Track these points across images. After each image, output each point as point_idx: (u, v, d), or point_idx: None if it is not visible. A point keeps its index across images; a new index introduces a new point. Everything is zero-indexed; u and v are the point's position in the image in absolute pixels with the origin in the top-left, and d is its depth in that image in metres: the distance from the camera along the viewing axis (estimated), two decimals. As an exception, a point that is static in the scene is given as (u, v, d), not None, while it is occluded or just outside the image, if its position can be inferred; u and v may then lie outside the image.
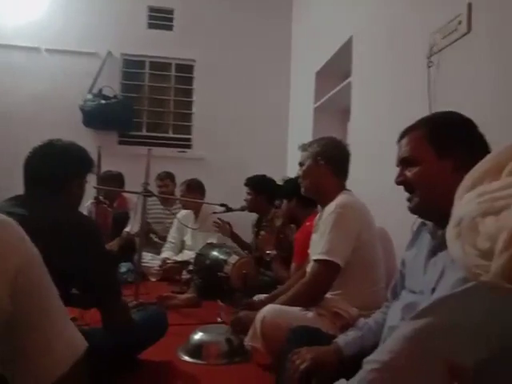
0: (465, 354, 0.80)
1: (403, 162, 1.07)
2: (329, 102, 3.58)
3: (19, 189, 1.43)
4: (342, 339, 1.22)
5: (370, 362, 0.88)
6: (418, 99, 1.94)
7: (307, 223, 2.29)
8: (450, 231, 0.53)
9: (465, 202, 0.50)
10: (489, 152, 1.00)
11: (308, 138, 3.65)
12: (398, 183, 1.07)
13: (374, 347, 1.05)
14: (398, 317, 1.05)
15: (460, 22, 1.73)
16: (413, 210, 1.07)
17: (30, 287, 0.61)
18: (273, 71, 4.66)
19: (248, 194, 3.15)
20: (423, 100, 1.89)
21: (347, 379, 0.93)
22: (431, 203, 1.02)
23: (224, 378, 1.63)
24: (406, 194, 1.09)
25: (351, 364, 1.03)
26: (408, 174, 1.04)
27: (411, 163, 1.04)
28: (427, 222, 1.09)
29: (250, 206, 3.10)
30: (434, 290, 0.93)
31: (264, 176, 3.20)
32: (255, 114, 4.60)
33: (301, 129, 4.10)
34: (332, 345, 1.22)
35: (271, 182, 3.15)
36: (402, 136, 1.09)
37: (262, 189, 3.09)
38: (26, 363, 0.62)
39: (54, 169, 1.41)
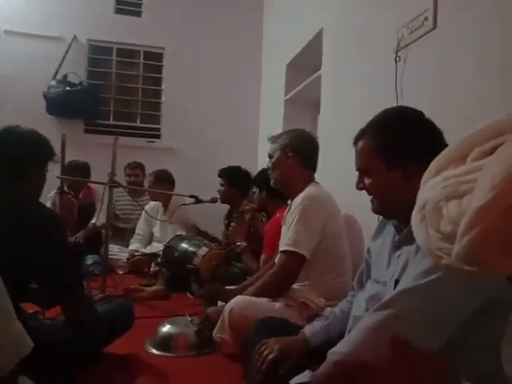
0: (420, 344, 0.83)
1: (359, 169, 1.10)
2: (299, 95, 3.59)
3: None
4: (309, 329, 1.24)
5: (334, 354, 0.90)
6: (386, 92, 1.97)
7: (277, 215, 2.30)
8: (415, 215, 0.55)
9: (429, 187, 0.52)
10: (443, 147, 1.03)
11: (278, 129, 3.65)
12: (359, 189, 1.11)
13: (340, 336, 1.07)
14: (363, 307, 1.07)
15: (426, 18, 1.76)
16: (374, 212, 1.11)
17: None
18: (244, 61, 4.62)
19: (221, 185, 3.13)
20: (391, 93, 1.93)
21: (314, 369, 0.94)
22: (388, 208, 1.07)
23: (193, 370, 1.62)
24: None
25: (318, 354, 1.04)
26: (365, 182, 1.08)
27: (365, 173, 1.08)
28: None
29: (223, 198, 3.08)
30: (397, 281, 0.96)
31: (239, 167, 3.18)
32: (226, 104, 4.56)
33: (271, 120, 4.10)
34: (299, 335, 1.24)
35: (245, 173, 3.13)
36: (355, 142, 1.11)
37: (235, 180, 3.07)
38: None
39: (10, 155, 1.36)
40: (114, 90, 4.57)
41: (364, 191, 1.09)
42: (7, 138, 1.39)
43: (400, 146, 1.02)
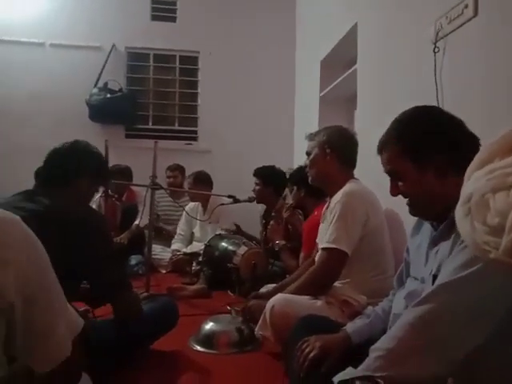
0: (461, 339, 0.81)
1: (390, 175, 1.09)
2: (334, 91, 3.55)
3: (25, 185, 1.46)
4: (350, 327, 1.23)
5: (376, 350, 0.89)
6: (425, 85, 1.92)
7: (315, 213, 2.30)
8: (459, 210, 0.53)
9: (474, 180, 0.50)
10: (473, 144, 1.00)
11: (314, 127, 3.63)
12: (393, 195, 1.09)
13: (381, 334, 1.06)
14: (402, 305, 1.06)
15: (466, 6, 1.70)
16: (413, 215, 1.10)
17: (33, 279, 0.63)
18: (278, 59, 4.63)
19: (256, 184, 3.16)
20: (430, 85, 1.87)
21: (355, 367, 0.94)
22: (427, 210, 1.05)
23: (235, 367, 1.65)
24: None
25: (360, 351, 1.04)
26: (399, 187, 1.06)
27: (397, 177, 1.06)
28: None
29: (258, 197, 3.11)
30: (435, 276, 0.94)
31: (273, 167, 3.20)
32: (261, 105, 4.58)
33: (307, 118, 4.08)
34: (340, 332, 1.23)
35: (280, 173, 3.16)
36: (379, 150, 1.10)
37: (270, 180, 3.09)
38: (32, 346, 0.64)
39: (68, 163, 1.46)
40: (152, 95, 4.71)
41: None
42: (71, 149, 1.50)
43: (426, 143, 1.01)
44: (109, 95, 4.28)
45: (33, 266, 0.64)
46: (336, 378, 0.91)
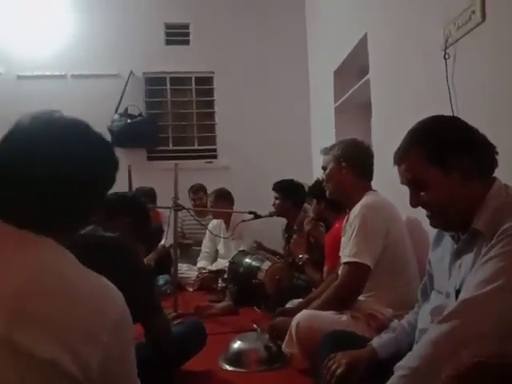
0: (488, 356, 0.81)
1: (410, 185, 1.05)
2: (349, 101, 3.56)
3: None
4: (377, 342, 1.23)
5: (400, 369, 0.89)
6: (438, 92, 1.92)
7: (337, 225, 2.30)
8: None
9: None
10: (489, 144, 0.99)
11: (331, 138, 3.64)
12: (414, 207, 1.05)
13: (408, 348, 1.06)
14: (428, 320, 1.06)
15: (474, 12, 1.70)
16: (435, 227, 1.08)
17: (116, 360, 0.64)
18: (291, 74, 4.68)
19: (276, 198, 3.18)
20: (443, 92, 1.87)
21: (383, 382, 0.94)
22: (451, 218, 1.02)
23: (265, 385, 1.67)
24: None
25: (387, 366, 1.04)
26: (421, 196, 1.02)
27: (420, 186, 1.02)
28: None
29: (278, 211, 3.13)
30: (458, 291, 0.94)
31: (291, 180, 3.22)
32: (277, 119, 4.63)
33: (323, 130, 4.10)
34: (367, 348, 1.23)
35: (298, 186, 3.16)
36: (398, 161, 1.06)
37: (289, 193, 3.11)
38: None
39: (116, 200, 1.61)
40: (171, 117, 4.82)
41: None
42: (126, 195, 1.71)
43: (451, 146, 0.99)
44: (129, 120, 4.41)
45: (119, 347, 0.64)
46: (361, 397, 0.91)
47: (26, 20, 4.48)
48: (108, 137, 4.40)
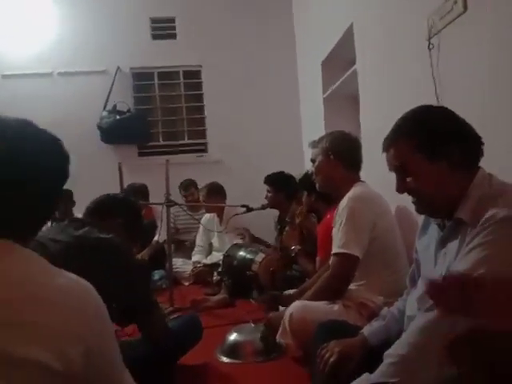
0: None
1: (397, 170, 1.08)
2: (338, 91, 3.58)
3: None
4: (367, 330, 1.27)
5: (389, 356, 0.93)
6: (423, 82, 1.94)
7: (328, 216, 2.33)
8: None
9: None
10: (475, 135, 1.02)
11: (320, 129, 3.66)
12: (400, 193, 1.08)
13: (398, 335, 1.09)
14: (415, 307, 1.09)
15: (456, 2, 1.72)
16: (420, 212, 1.10)
17: (99, 353, 0.68)
18: (279, 65, 4.68)
19: (268, 191, 3.21)
20: (428, 82, 1.89)
21: (375, 369, 0.97)
22: (436, 205, 1.05)
23: (262, 375, 1.71)
24: None
25: (379, 353, 1.07)
26: (407, 183, 1.05)
27: (407, 173, 1.05)
28: None
29: (271, 203, 3.16)
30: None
31: (282, 172, 3.24)
32: (267, 111, 4.64)
33: (313, 120, 4.12)
34: (358, 336, 1.27)
35: (289, 178, 3.18)
36: (387, 148, 1.09)
37: (280, 185, 3.13)
38: None
39: (109, 203, 1.69)
40: (160, 112, 4.80)
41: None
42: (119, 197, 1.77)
43: (439, 135, 1.02)
44: (118, 117, 4.39)
45: (100, 341, 0.68)
46: (353, 384, 0.95)
47: (9, 18, 4.41)
48: (97, 134, 4.40)
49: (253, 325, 1.92)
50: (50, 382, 0.61)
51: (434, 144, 1.01)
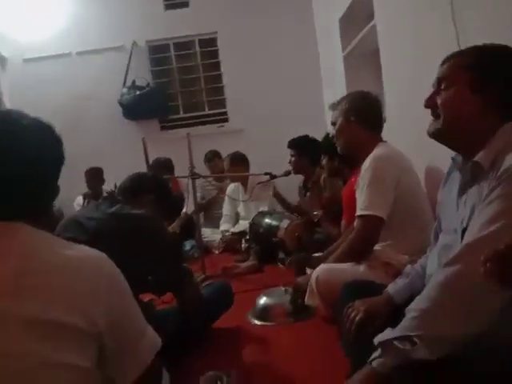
0: (491, 297, 0.85)
1: (438, 83, 1.06)
2: (357, 48, 3.46)
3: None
4: (392, 288, 1.29)
5: (411, 311, 0.95)
6: (443, 28, 1.86)
7: (352, 179, 2.32)
8: None
9: None
10: None
11: (342, 89, 3.58)
12: (426, 105, 1.07)
13: (422, 291, 1.11)
14: (436, 262, 1.09)
15: None
16: (431, 134, 1.08)
17: (119, 311, 0.74)
18: (296, 26, 4.54)
19: (292, 155, 3.19)
20: (450, 31, 1.81)
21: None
22: (452, 131, 1.03)
23: (292, 335, 1.77)
24: None
25: (403, 310, 1.10)
26: (438, 98, 1.05)
27: (444, 85, 1.04)
28: (456, 158, 1.10)
29: (295, 168, 3.15)
30: (464, 230, 0.97)
31: (306, 136, 3.20)
32: (286, 75, 4.54)
33: (334, 81, 4.01)
34: (383, 294, 1.29)
35: (313, 141, 3.13)
36: (445, 60, 1.08)
37: (304, 149, 3.11)
38: (116, 362, 0.75)
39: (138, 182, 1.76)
40: (179, 84, 4.80)
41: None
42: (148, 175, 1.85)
43: (495, 74, 0.99)
44: (138, 92, 4.43)
45: (118, 299, 0.74)
46: (376, 339, 0.98)
47: (24, 3, 4.44)
48: (119, 110, 4.46)
49: (283, 288, 1.97)
50: (82, 342, 0.68)
51: (485, 75, 0.99)
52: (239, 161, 3.68)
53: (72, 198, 4.20)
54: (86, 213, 1.62)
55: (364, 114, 1.80)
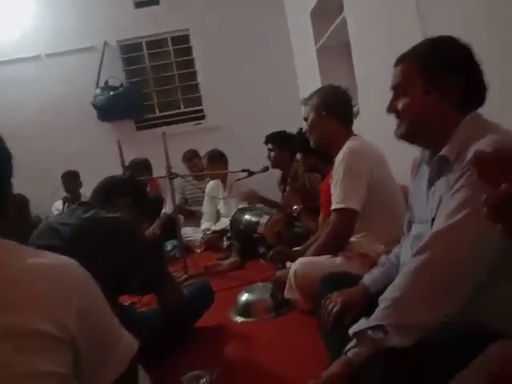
0: (461, 283, 0.88)
1: (394, 89, 1.09)
2: (329, 41, 3.49)
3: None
4: (367, 278, 1.31)
5: (384, 300, 0.97)
6: (409, 24, 1.90)
7: (330, 174, 2.33)
8: None
9: None
10: (482, 81, 1.01)
11: (317, 82, 3.60)
12: (388, 111, 1.10)
13: (397, 281, 1.13)
14: (409, 252, 1.12)
15: None
16: (398, 136, 1.10)
17: (92, 315, 0.73)
18: (268, 21, 4.53)
19: (271, 150, 3.20)
20: (414, 24, 1.85)
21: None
22: (416, 132, 1.07)
23: (274, 330, 1.79)
24: None
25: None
26: (397, 103, 1.07)
27: (401, 92, 1.07)
28: (424, 152, 1.13)
29: (275, 163, 3.17)
30: (433, 220, 1.00)
31: (284, 131, 3.22)
32: (261, 70, 4.54)
33: (308, 74, 4.04)
34: (359, 285, 1.31)
35: (292, 136, 3.14)
36: (397, 62, 1.10)
37: (285, 144, 3.12)
38: (91, 368, 0.74)
39: (111, 185, 1.73)
40: (153, 83, 4.75)
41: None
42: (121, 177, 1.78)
43: (446, 71, 1.02)
44: (112, 92, 4.36)
45: (90, 303, 0.73)
46: (351, 330, 1.00)
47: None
48: (93, 112, 4.38)
49: (261, 284, 1.99)
50: (57, 349, 0.67)
51: (435, 75, 1.02)
52: (218, 158, 3.67)
53: (49, 202, 4.13)
54: (61, 219, 1.61)
55: (335, 109, 1.82)
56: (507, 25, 1.41)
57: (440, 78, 1.02)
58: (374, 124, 2.33)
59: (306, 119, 1.90)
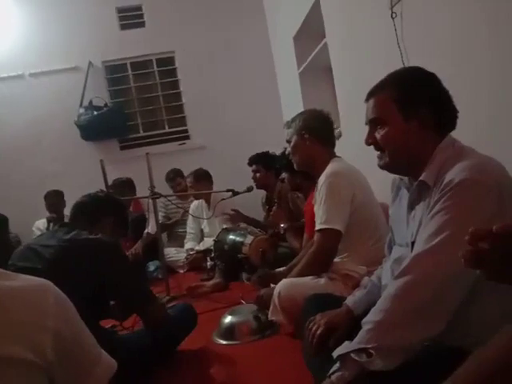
0: (442, 302, 0.90)
1: (371, 123, 1.11)
2: (312, 65, 3.58)
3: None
4: (351, 300, 1.32)
5: (366, 323, 0.98)
6: (389, 51, 1.96)
7: (312, 194, 2.36)
8: None
9: None
10: (453, 105, 1.05)
11: (299, 105, 3.67)
12: (368, 144, 1.12)
13: (380, 302, 1.14)
14: (389, 274, 1.14)
15: (413, -32, 1.73)
16: (382, 168, 1.13)
17: (68, 338, 0.71)
18: (253, 45, 4.63)
19: (255, 171, 3.23)
20: (395, 51, 1.91)
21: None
22: (400, 161, 1.08)
23: (258, 353, 1.76)
24: None
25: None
26: (377, 135, 1.09)
27: (379, 124, 1.09)
28: (403, 177, 1.16)
29: (260, 183, 3.19)
30: (413, 243, 1.02)
31: (267, 152, 3.27)
32: (245, 92, 4.61)
33: (291, 97, 4.11)
34: (342, 307, 1.32)
35: (275, 156, 3.19)
36: (369, 96, 1.12)
37: (270, 164, 3.16)
38: None
39: (93, 205, 1.70)
40: (138, 103, 4.76)
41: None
42: (99, 197, 1.76)
43: (416, 94, 1.05)
44: (96, 112, 4.35)
45: (66, 326, 0.71)
46: (335, 353, 1.00)
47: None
48: (77, 132, 4.36)
49: (244, 302, 1.97)
50: (33, 375, 0.66)
51: (410, 103, 1.04)
52: (203, 177, 3.68)
53: (30, 223, 4.05)
54: (42, 240, 1.59)
55: (317, 131, 1.86)
56: (478, 62, 1.48)
57: (416, 105, 1.05)
58: (356, 146, 2.38)
59: (288, 141, 1.94)
